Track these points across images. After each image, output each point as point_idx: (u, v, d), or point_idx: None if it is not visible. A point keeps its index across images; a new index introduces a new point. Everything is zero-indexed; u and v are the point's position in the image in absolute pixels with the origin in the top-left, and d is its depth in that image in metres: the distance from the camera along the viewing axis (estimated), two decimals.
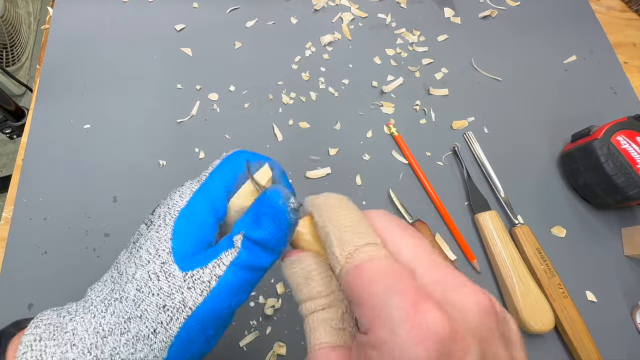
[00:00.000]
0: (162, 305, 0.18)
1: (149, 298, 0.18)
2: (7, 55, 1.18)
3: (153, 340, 0.18)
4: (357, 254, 0.16)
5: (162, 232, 0.19)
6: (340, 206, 0.18)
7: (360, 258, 0.16)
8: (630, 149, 0.40)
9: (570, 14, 0.57)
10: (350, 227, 0.17)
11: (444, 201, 0.43)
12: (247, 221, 0.19)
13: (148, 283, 0.18)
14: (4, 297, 0.37)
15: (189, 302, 0.18)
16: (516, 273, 0.38)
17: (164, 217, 0.20)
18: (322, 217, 0.18)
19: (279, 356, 0.36)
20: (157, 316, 0.18)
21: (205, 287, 0.18)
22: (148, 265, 0.18)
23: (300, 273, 0.18)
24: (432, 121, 0.48)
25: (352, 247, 0.16)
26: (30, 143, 0.44)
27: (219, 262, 0.18)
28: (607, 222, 0.44)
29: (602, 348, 0.36)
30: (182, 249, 0.19)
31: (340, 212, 0.18)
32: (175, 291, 0.18)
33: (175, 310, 0.18)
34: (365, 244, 0.16)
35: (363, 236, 0.17)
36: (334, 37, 0.53)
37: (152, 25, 0.53)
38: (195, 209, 0.20)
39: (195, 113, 0.47)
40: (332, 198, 0.19)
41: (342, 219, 0.17)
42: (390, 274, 0.15)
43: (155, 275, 0.18)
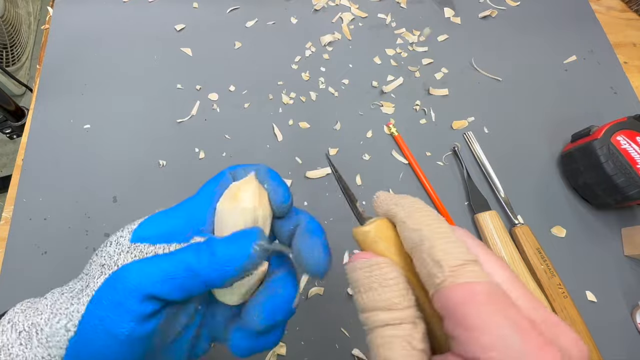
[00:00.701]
0: (102, 263, 0.19)
1: (98, 259, 0.20)
2: (7, 55, 1.18)
3: (83, 294, 0.18)
4: (465, 271, 0.15)
5: (137, 221, 0.21)
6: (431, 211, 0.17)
7: (468, 277, 0.15)
8: (630, 149, 0.40)
9: (570, 14, 0.57)
10: (449, 238, 0.16)
11: (444, 201, 0.43)
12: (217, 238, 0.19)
13: (103, 249, 0.20)
14: (4, 297, 0.37)
15: (120, 261, 0.19)
16: (516, 273, 0.38)
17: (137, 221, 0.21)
18: (415, 221, 0.17)
19: (279, 356, 0.36)
20: (94, 272, 0.19)
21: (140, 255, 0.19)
22: (111, 237, 0.20)
23: (376, 279, 0.17)
24: (432, 121, 0.48)
25: (459, 260, 0.15)
26: (30, 143, 0.44)
27: (167, 247, 0.19)
28: (607, 222, 0.44)
29: (602, 348, 0.36)
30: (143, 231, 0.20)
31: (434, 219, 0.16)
32: (116, 254, 0.19)
33: (107, 268, 0.19)
34: (470, 260, 0.15)
35: (464, 251, 0.15)
36: (334, 37, 0.53)
37: (152, 25, 0.53)
38: (172, 211, 0.21)
39: (195, 113, 0.47)
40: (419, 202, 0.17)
41: (440, 227, 0.16)
42: (505, 304, 0.14)
43: (110, 242, 0.20)
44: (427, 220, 0.16)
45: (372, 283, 0.17)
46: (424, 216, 0.17)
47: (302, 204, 0.43)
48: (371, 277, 0.17)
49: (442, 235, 0.16)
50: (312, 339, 0.37)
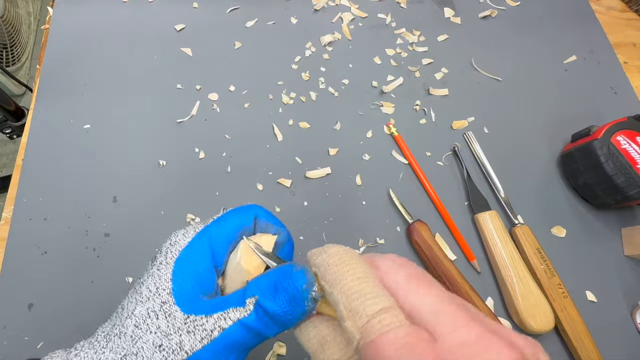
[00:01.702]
0: (159, 344, 0.17)
1: (146, 336, 0.18)
2: (7, 55, 1.18)
3: None
4: (371, 327, 0.15)
5: (163, 270, 0.19)
6: (344, 264, 0.17)
7: (375, 331, 0.15)
8: (630, 149, 0.40)
9: (570, 14, 0.57)
10: (359, 292, 0.16)
11: (444, 201, 0.43)
12: (264, 287, 0.18)
13: (147, 320, 0.18)
14: (4, 297, 0.37)
15: (186, 345, 0.17)
16: (516, 273, 0.38)
17: (166, 255, 0.20)
18: (327, 282, 0.17)
19: (279, 356, 0.36)
20: (152, 355, 0.17)
21: (206, 335, 0.17)
22: (148, 302, 0.18)
23: (315, 339, 0.17)
24: (432, 121, 0.48)
25: (364, 318, 0.15)
26: (30, 143, 0.44)
27: (225, 316, 0.18)
28: (607, 222, 0.44)
29: (602, 348, 0.36)
30: (183, 291, 0.18)
31: (345, 273, 0.16)
32: (174, 332, 0.17)
33: (171, 352, 0.17)
34: (379, 310, 0.15)
35: (374, 302, 0.15)
36: (334, 37, 0.53)
37: (152, 25, 0.53)
38: (195, 251, 0.19)
39: (195, 113, 0.47)
40: (333, 255, 0.17)
41: (349, 283, 0.16)
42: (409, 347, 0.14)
43: (154, 313, 0.18)
44: (336, 279, 0.16)
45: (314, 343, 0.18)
46: (334, 274, 0.17)
47: (302, 204, 0.43)
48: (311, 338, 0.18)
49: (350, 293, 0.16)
50: None
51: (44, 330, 0.36)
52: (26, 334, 0.36)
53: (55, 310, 0.37)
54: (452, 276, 0.37)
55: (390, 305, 0.15)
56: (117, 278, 0.38)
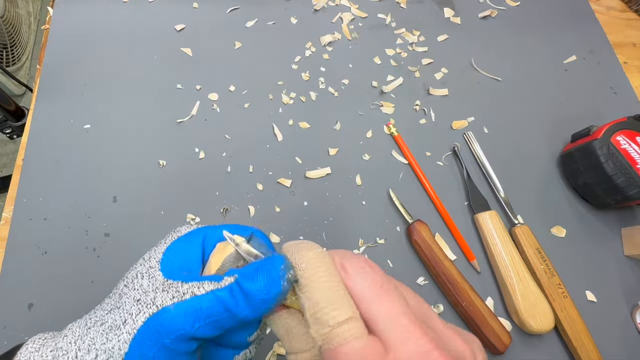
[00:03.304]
0: (137, 298, 0.19)
1: (131, 292, 0.20)
2: (7, 55, 1.18)
3: (122, 330, 0.18)
4: (333, 336, 0.16)
5: (160, 247, 0.21)
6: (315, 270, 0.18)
7: (335, 342, 0.16)
8: (630, 149, 0.40)
9: (570, 14, 0.57)
10: (325, 301, 0.17)
11: (444, 201, 0.43)
12: (245, 270, 0.19)
13: (134, 280, 0.20)
14: (4, 297, 0.37)
15: (158, 300, 0.19)
16: (516, 273, 0.38)
17: (166, 238, 0.22)
18: (298, 284, 0.18)
19: (279, 356, 0.36)
20: (131, 307, 0.19)
21: (177, 295, 0.19)
22: (139, 267, 0.21)
23: (282, 328, 0.19)
24: (432, 121, 0.48)
25: (327, 328, 0.17)
26: (30, 143, 0.44)
27: (200, 285, 0.19)
28: (607, 222, 0.44)
29: (602, 348, 0.36)
30: (170, 263, 0.20)
31: (315, 281, 0.18)
32: (151, 290, 0.19)
33: (145, 305, 0.19)
34: (341, 322, 0.17)
35: (339, 312, 0.17)
36: (334, 37, 0.53)
37: (152, 25, 0.53)
38: (189, 240, 0.22)
39: (195, 113, 0.47)
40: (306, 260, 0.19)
41: (317, 292, 0.17)
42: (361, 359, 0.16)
43: (141, 274, 0.20)
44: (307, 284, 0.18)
45: (281, 333, 0.19)
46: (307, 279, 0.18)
47: (302, 204, 0.43)
48: (279, 329, 0.20)
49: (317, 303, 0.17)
50: None
51: (44, 330, 0.36)
52: (26, 334, 0.36)
53: (55, 310, 0.37)
54: (452, 276, 0.37)
55: (352, 315, 0.17)
56: (117, 278, 0.38)
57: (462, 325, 0.38)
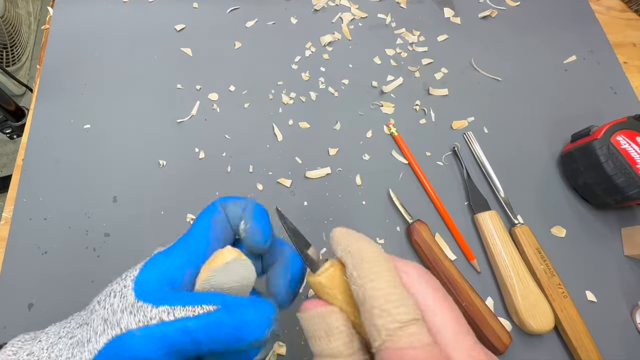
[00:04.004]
0: (105, 318, 0.18)
1: (100, 310, 0.19)
2: (7, 55, 1.18)
3: (85, 348, 0.18)
4: (400, 335, 0.15)
5: (138, 265, 0.20)
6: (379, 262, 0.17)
7: (403, 342, 0.15)
8: (630, 149, 0.40)
9: (570, 14, 0.57)
10: (393, 295, 0.16)
11: (444, 201, 0.43)
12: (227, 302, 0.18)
13: (106, 298, 0.19)
14: (4, 297, 0.37)
15: (123, 322, 0.18)
16: (516, 273, 0.38)
17: (150, 254, 0.21)
18: (357, 273, 0.17)
19: (279, 356, 0.36)
20: (97, 326, 0.18)
21: (144, 319, 0.17)
22: (114, 285, 0.20)
23: (322, 327, 0.17)
24: (432, 121, 0.48)
25: (396, 323, 0.15)
26: (30, 143, 0.44)
27: (171, 310, 0.18)
28: (607, 222, 0.44)
29: (602, 348, 0.36)
30: (144, 280, 0.19)
31: (382, 273, 0.16)
32: (119, 310, 0.18)
33: (110, 326, 0.18)
34: (409, 321, 0.15)
35: (407, 310, 0.16)
36: (334, 37, 0.53)
37: (152, 25, 0.53)
38: (172, 249, 0.20)
39: (195, 113, 0.47)
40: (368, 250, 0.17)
41: (384, 283, 0.16)
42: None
43: (114, 293, 0.19)
44: (371, 275, 0.16)
45: (320, 331, 0.17)
46: (369, 269, 0.17)
47: (302, 204, 0.43)
48: (318, 327, 0.17)
49: (384, 293, 0.16)
50: None
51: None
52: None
53: (55, 310, 0.37)
54: (452, 276, 0.37)
55: (419, 317, 0.16)
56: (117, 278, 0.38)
57: None
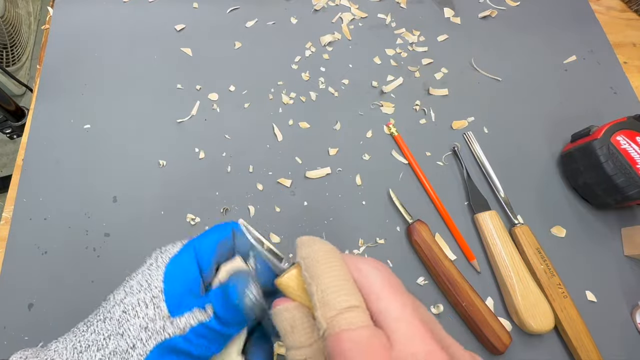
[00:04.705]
0: (145, 326, 0.20)
1: (134, 319, 0.20)
2: (7, 55, 1.18)
3: (130, 354, 0.20)
4: (338, 320, 0.16)
5: (154, 272, 0.22)
6: (327, 261, 0.19)
7: (340, 326, 0.16)
8: (630, 149, 0.40)
9: (570, 14, 0.57)
10: (335, 287, 0.17)
11: (444, 201, 0.43)
12: (217, 296, 0.21)
13: (136, 308, 0.21)
14: (4, 297, 0.37)
15: (169, 329, 0.20)
16: (516, 273, 0.38)
17: (157, 259, 0.23)
18: (309, 273, 0.19)
19: (279, 356, 0.36)
20: (138, 334, 0.20)
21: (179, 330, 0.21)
22: (139, 294, 0.21)
23: (286, 322, 0.19)
24: (432, 121, 0.48)
25: (334, 311, 0.17)
26: (30, 143, 0.44)
27: (192, 316, 0.21)
28: (607, 222, 0.44)
29: (602, 348, 0.36)
30: (171, 291, 0.21)
31: (326, 270, 0.18)
32: (159, 319, 0.20)
33: (155, 332, 0.20)
34: (347, 307, 0.17)
35: (345, 299, 0.17)
36: (334, 37, 0.53)
37: (152, 25, 0.53)
38: (184, 259, 0.22)
39: (195, 113, 0.47)
40: (319, 251, 0.19)
41: (327, 278, 0.18)
42: (365, 348, 0.16)
43: (144, 303, 0.21)
44: (318, 273, 0.18)
45: (285, 326, 0.19)
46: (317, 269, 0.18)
47: (302, 204, 0.43)
48: (283, 321, 0.19)
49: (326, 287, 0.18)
50: None
51: (44, 330, 0.36)
52: (26, 334, 0.36)
53: (55, 310, 0.37)
54: (452, 276, 0.37)
55: (358, 304, 0.17)
56: (117, 278, 0.38)
57: (462, 325, 0.38)
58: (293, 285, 0.20)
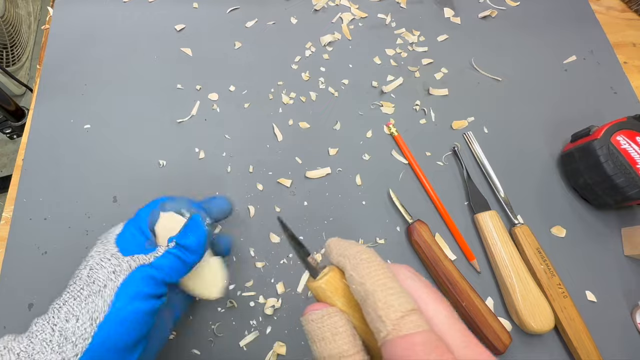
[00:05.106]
0: (112, 270, 0.25)
1: (101, 270, 0.25)
2: (7, 55, 1.18)
3: (104, 292, 0.24)
4: (405, 323, 0.16)
5: (108, 244, 0.27)
6: (375, 262, 0.18)
7: (408, 328, 0.16)
8: (630, 149, 0.40)
9: (570, 14, 0.57)
10: (393, 289, 0.17)
11: (444, 201, 0.43)
12: (179, 234, 0.28)
13: (100, 263, 0.25)
14: (4, 297, 0.37)
15: (133, 264, 0.25)
16: (516, 273, 0.38)
17: (106, 237, 0.28)
18: (357, 274, 0.18)
19: (279, 356, 0.36)
20: (107, 277, 0.24)
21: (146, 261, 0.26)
22: (99, 255, 0.26)
23: (326, 329, 0.18)
24: (432, 121, 0.48)
25: (400, 313, 0.16)
26: (30, 143, 0.44)
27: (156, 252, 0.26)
28: (607, 222, 0.44)
29: (602, 348, 0.36)
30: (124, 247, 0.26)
31: (379, 270, 0.17)
32: (123, 262, 0.25)
33: (122, 270, 0.25)
34: (409, 310, 0.16)
35: (407, 300, 0.16)
36: (334, 37, 0.53)
37: (152, 25, 0.53)
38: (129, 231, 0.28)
39: (195, 113, 0.47)
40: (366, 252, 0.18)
41: (383, 279, 0.17)
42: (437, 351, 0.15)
43: (107, 259, 0.25)
44: (370, 273, 0.17)
45: (325, 333, 0.18)
46: (368, 268, 0.18)
47: (302, 204, 0.43)
48: (323, 328, 0.18)
49: (385, 287, 0.17)
50: None
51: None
52: None
53: None
54: (452, 276, 0.37)
55: (416, 307, 0.17)
56: None
57: None
58: (330, 289, 0.19)
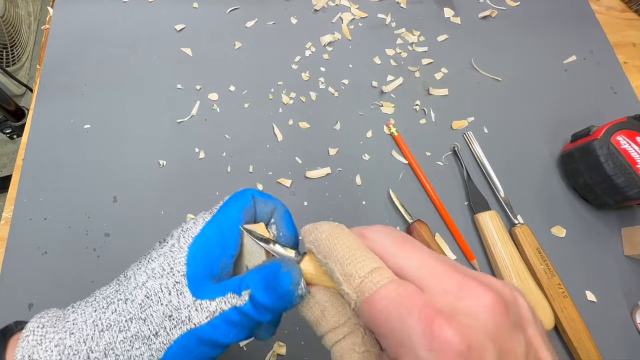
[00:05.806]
0: (169, 315, 0.20)
1: (157, 306, 0.20)
2: (7, 55, 1.18)
3: (153, 341, 0.20)
4: (365, 286, 0.16)
5: (177, 253, 0.21)
6: (334, 237, 0.19)
7: (369, 289, 0.16)
8: (630, 149, 0.40)
9: (570, 14, 0.57)
10: (350, 257, 0.17)
11: (444, 201, 0.43)
12: (257, 281, 0.20)
13: (158, 294, 0.20)
14: (4, 297, 0.37)
15: (194, 319, 0.20)
16: (516, 273, 0.38)
17: (179, 239, 0.22)
18: (321, 254, 0.18)
19: (279, 356, 0.36)
20: (161, 322, 0.20)
21: (210, 315, 0.20)
22: (161, 278, 0.21)
23: (315, 307, 0.19)
24: (432, 121, 0.48)
25: (358, 279, 0.17)
26: (30, 143, 0.44)
27: (225, 300, 0.20)
28: (607, 222, 0.44)
29: (602, 348, 0.36)
30: (194, 276, 0.21)
31: (336, 244, 0.18)
32: (184, 308, 0.20)
33: (180, 322, 0.20)
34: (369, 271, 0.17)
35: (365, 264, 0.17)
36: (334, 37, 0.53)
37: (152, 25, 0.53)
38: (208, 238, 0.22)
39: (195, 113, 0.47)
40: (324, 231, 0.19)
41: (340, 252, 0.18)
42: (399, 299, 0.16)
43: (167, 289, 0.20)
44: (330, 250, 0.18)
45: (315, 312, 0.19)
46: (327, 246, 0.18)
47: (302, 204, 0.43)
48: (312, 309, 0.19)
49: (343, 259, 0.17)
50: (312, 339, 0.37)
51: None
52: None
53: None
54: None
55: (378, 265, 0.17)
56: None
57: None
58: (311, 270, 0.20)
